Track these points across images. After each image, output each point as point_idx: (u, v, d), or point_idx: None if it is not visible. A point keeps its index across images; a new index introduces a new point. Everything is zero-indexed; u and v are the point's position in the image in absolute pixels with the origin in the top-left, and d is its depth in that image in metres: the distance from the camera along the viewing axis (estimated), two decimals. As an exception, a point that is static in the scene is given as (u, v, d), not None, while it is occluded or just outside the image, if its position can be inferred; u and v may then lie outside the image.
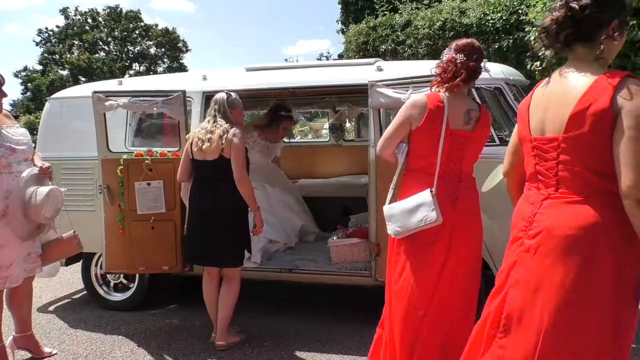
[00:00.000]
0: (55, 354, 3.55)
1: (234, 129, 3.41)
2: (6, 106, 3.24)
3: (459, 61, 2.48)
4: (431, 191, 2.43)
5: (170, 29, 37.09)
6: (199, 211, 3.47)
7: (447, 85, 2.50)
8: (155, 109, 3.82)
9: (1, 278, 3.09)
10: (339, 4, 16.08)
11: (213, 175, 3.44)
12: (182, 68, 36.05)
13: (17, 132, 3.23)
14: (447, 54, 2.54)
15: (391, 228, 2.55)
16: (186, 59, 39.04)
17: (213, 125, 3.42)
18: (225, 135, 3.37)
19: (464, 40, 2.57)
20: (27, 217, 3.12)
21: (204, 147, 3.39)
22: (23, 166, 3.16)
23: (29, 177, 3.16)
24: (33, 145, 3.35)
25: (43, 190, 3.14)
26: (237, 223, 3.51)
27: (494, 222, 3.14)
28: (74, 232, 3.54)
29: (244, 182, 3.41)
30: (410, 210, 2.45)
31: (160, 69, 37.09)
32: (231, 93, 3.58)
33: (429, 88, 2.67)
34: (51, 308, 4.55)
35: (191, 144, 3.49)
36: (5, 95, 3.15)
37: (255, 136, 4.86)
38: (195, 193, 3.53)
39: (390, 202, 2.62)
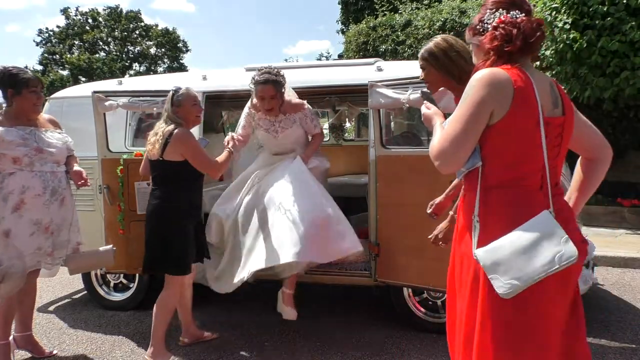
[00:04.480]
0: (55, 354, 3.56)
1: (177, 130, 3.13)
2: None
3: (520, 20, 1.67)
4: (550, 212, 1.62)
5: (171, 29, 37.13)
6: (146, 213, 3.36)
7: (512, 58, 1.67)
8: (155, 109, 3.82)
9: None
10: (339, 4, 16.11)
11: (154, 176, 3.35)
12: (182, 68, 35.98)
13: (54, 136, 3.35)
14: (494, 16, 1.72)
15: (502, 284, 1.57)
16: (186, 59, 39.10)
17: (158, 126, 3.25)
18: (167, 137, 3.13)
19: None
20: None
21: (148, 147, 3.27)
22: (47, 167, 3.25)
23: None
24: (70, 150, 3.44)
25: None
26: (169, 229, 3.25)
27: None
28: (113, 247, 3.61)
29: (219, 171, 3.32)
30: (526, 248, 1.57)
31: (160, 69, 37.03)
32: (180, 87, 3.26)
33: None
34: (51, 308, 4.55)
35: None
36: (41, 98, 3.29)
37: (251, 112, 3.82)
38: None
39: (480, 244, 1.67)
